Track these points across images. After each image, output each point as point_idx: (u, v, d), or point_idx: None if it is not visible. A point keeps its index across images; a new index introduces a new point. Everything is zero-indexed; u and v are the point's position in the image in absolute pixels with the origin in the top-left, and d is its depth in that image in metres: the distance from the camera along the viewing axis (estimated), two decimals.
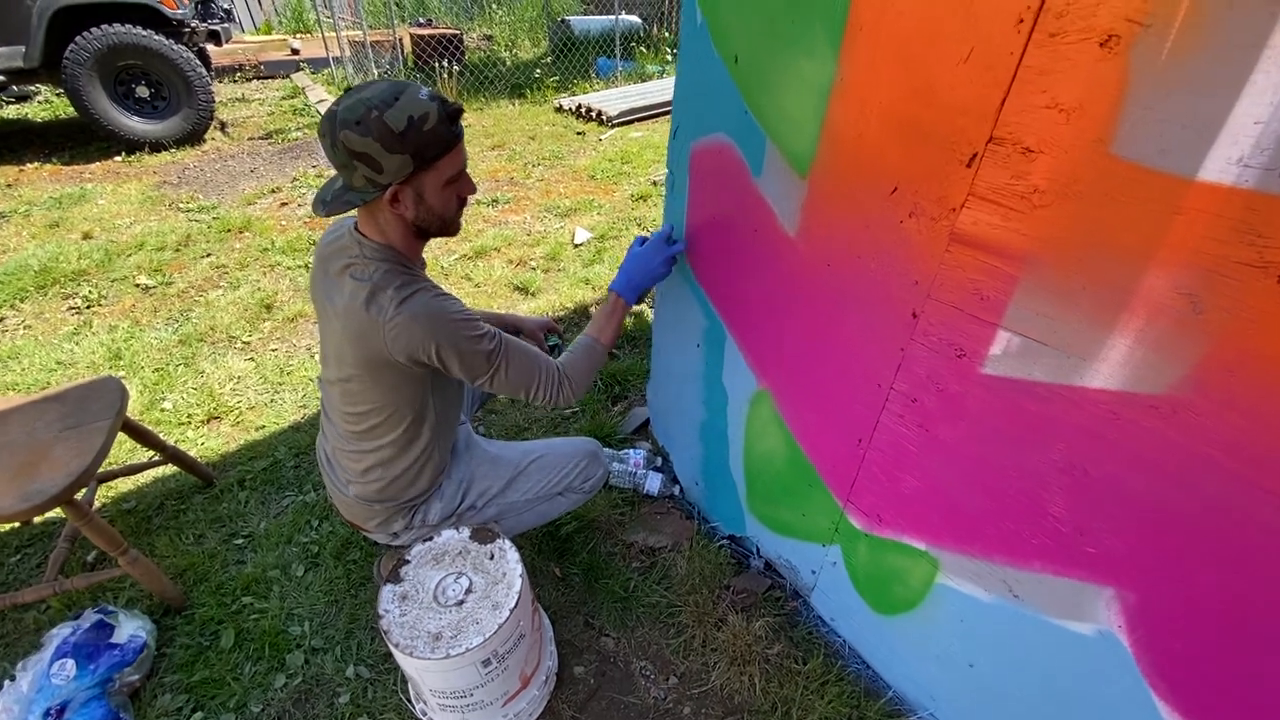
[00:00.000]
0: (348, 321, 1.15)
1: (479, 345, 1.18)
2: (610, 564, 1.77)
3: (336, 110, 1.01)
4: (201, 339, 2.76)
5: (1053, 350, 0.88)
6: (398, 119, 1.00)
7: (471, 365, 1.19)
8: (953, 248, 0.96)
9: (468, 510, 1.46)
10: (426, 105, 1.02)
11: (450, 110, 1.07)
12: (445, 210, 1.16)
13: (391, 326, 1.10)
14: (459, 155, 1.13)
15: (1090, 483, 0.91)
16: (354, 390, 1.25)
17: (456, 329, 1.15)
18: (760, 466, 1.58)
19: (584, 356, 1.35)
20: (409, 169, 1.05)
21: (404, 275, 1.14)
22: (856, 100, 1.01)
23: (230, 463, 2.14)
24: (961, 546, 1.14)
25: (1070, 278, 0.84)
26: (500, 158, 4.85)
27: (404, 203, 1.10)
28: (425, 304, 1.12)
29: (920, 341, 1.06)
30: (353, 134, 0.99)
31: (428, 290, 1.15)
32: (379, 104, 0.99)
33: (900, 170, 0.99)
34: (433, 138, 1.04)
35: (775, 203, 1.23)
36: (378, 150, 1.01)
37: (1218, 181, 0.68)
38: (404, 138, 1.00)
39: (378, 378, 1.21)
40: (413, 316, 1.10)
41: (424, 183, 1.09)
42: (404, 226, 1.15)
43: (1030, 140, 0.82)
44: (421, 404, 1.28)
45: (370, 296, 1.11)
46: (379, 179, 1.04)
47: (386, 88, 1.03)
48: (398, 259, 1.16)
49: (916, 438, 1.14)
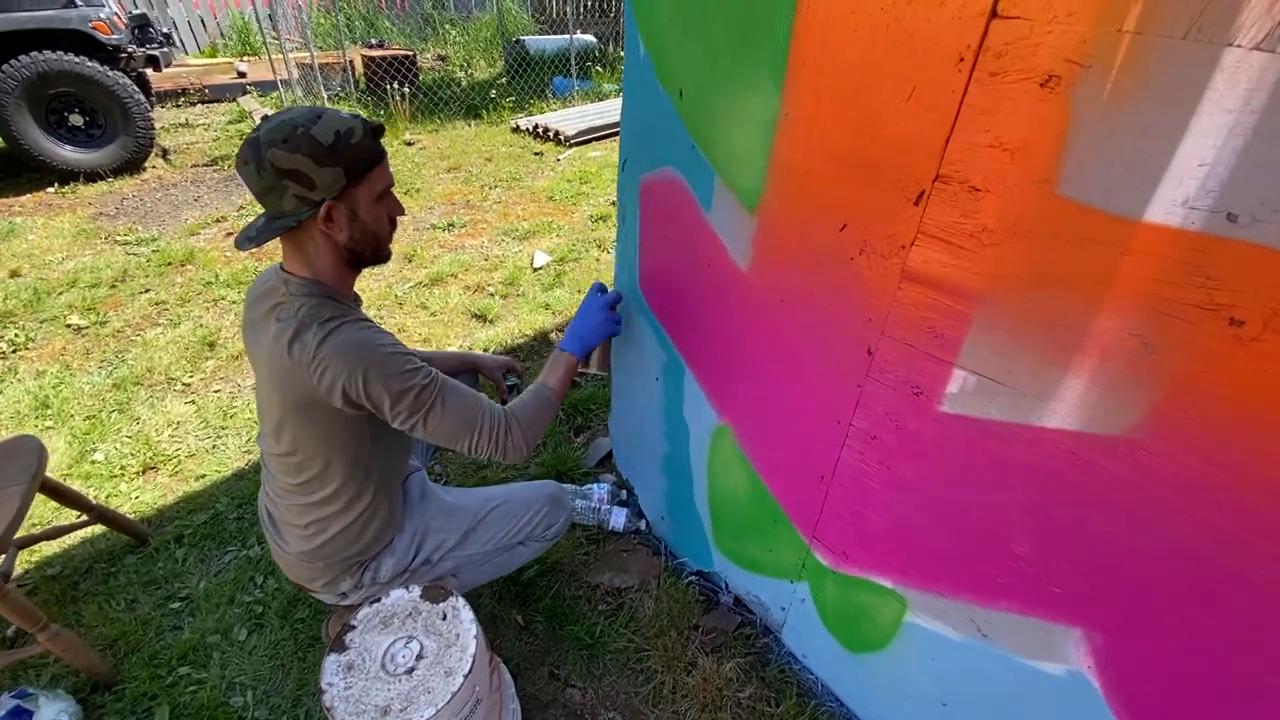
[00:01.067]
0: (273, 366, 1.09)
1: (409, 381, 1.09)
2: (575, 608, 1.70)
3: (259, 134, 0.99)
4: (138, 382, 2.61)
5: (1009, 390, 0.86)
6: (325, 133, 0.99)
7: (400, 404, 1.09)
8: (905, 285, 0.93)
9: (422, 565, 1.38)
10: (350, 121, 1.02)
11: (373, 126, 1.06)
12: (378, 228, 1.12)
13: (317, 363, 1.04)
14: (386, 170, 1.11)
15: (1053, 523, 0.89)
16: (287, 439, 1.17)
17: (385, 361, 1.07)
18: (725, 502, 1.54)
19: (533, 402, 1.26)
20: (341, 182, 1.02)
21: (331, 309, 1.08)
22: (802, 136, 0.99)
23: (167, 517, 2.00)
24: (928, 585, 1.11)
25: (1023, 317, 0.82)
26: (456, 180, 4.77)
27: (337, 221, 1.06)
28: (351, 335, 1.06)
29: (877, 379, 1.03)
30: (281, 151, 0.97)
31: (355, 322, 1.09)
32: (304, 122, 0.99)
33: (849, 207, 0.96)
34: (361, 150, 1.03)
35: (726, 237, 1.20)
36: (309, 165, 0.98)
37: (1164, 223, 0.67)
38: (334, 150, 0.99)
39: (310, 423, 1.13)
40: (338, 349, 1.04)
41: (357, 197, 1.06)
42: (334, 253, 1.10)
43: (976, 179, 0.80)
44: (361, 451, 1.21)
45: (294, 336, 1.05)
46: (312, 195, 1.01)
47: (306, 109, 1.02)
48: (325, 293, 1.10)
49: (879, 475, 1.11)
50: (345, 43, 7.86)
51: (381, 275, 3.40)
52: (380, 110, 6.02)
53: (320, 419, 1.13)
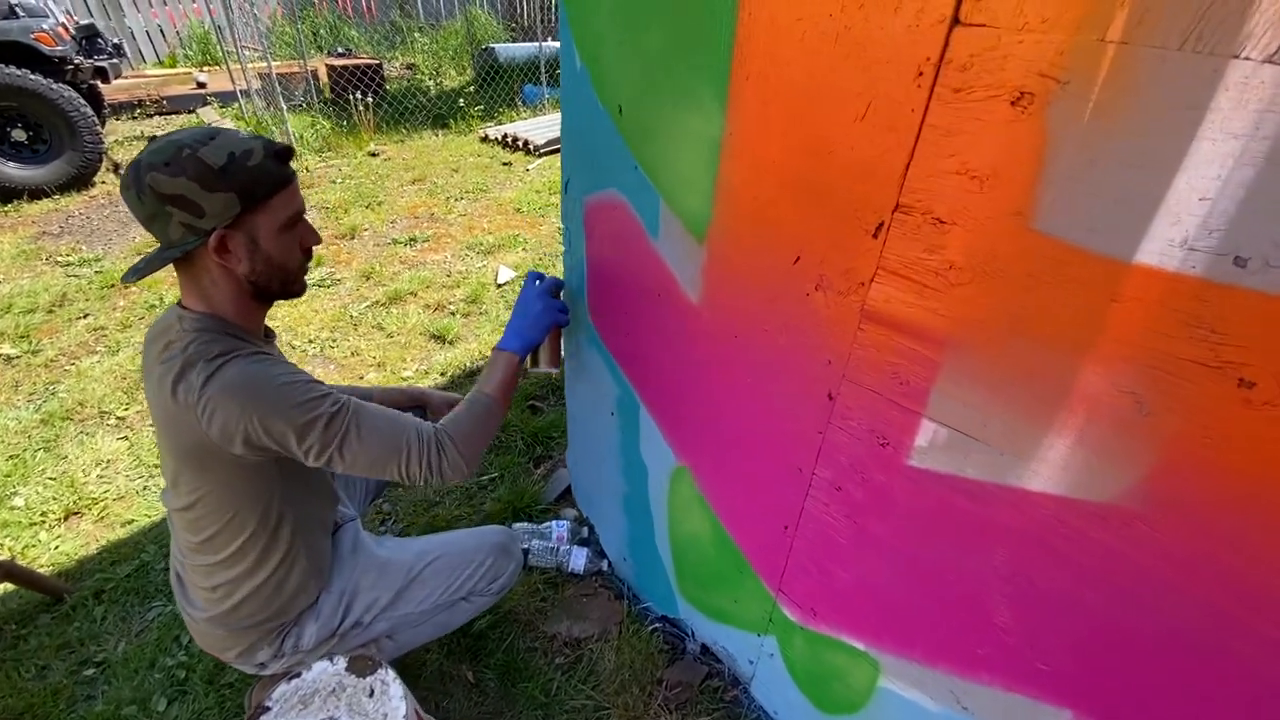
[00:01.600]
0: (162, 410, 0.98)
1: (314, 410, 0.96)
2: (530, 663, 1.57)
3: (141, 157, 0.89)
4: (68, 416, 2.43)
5: (984, 446, 0.76)
6: (216, 155, 0.89)
7: (307, 438, 0.97)
8: (865, 326, 0.83)
9: (352, 629, 1.24)
10: (249, 142, 0.93)
11: (277, 148, 0.95)
12: (286, 260, 1.01)
13: (203, 405, 0.92)
14: (294, 196, 1.00)
15: (1037, 594, 0.78)
16: (185, 492, 1.04)
17: (281, 393, 0.95)
18: (687, 548, 1.42)
19: (468, 412, 1.10)
20: (235, 209, 0.92)
21: (223, 345, 0.96)
22: (749, 158, 0.88)
23: (88, 569, 1.84)
24: (902, 650, 1.00)
25: (997, 366, 0.71)
26: (420, 192, 4.62)
27: (235, 252, 0.95)
28: (240, 371, 0.94)
29: (840, 426, 0.93)
30: (162, 175, 0.87)
31: (247, 356, 0.96)
32: (191, 143, 0.89)
33: (802, 238, 0.86)
34: (260, 174, 0.93)
35: (675, 267, 1.09)
36: (194, 190, 0.88)
37: (1159, 266, 0.57)
38: (225, 173, 0.89)
39: (207, 473, 1.01)
40: (224, 388, 0.92)
41: (257, 226, 0.95)
42: (234, 285, 0.98)
43: (941, 210, 0.70)
44: (271, 502, 1.08)
45: (178, 376, 0.94)
46: (200, 224, 0.90)
47: (200, 129, 0.92)
48: (222, 328, 0.98)
49: (846, 529, 1.00)
50: (310, 51, 7.67)
51: (337, 295, 3.25)
52: (344, 121, 5.84)
53: (218, 468, 1.00)
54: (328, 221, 4.08)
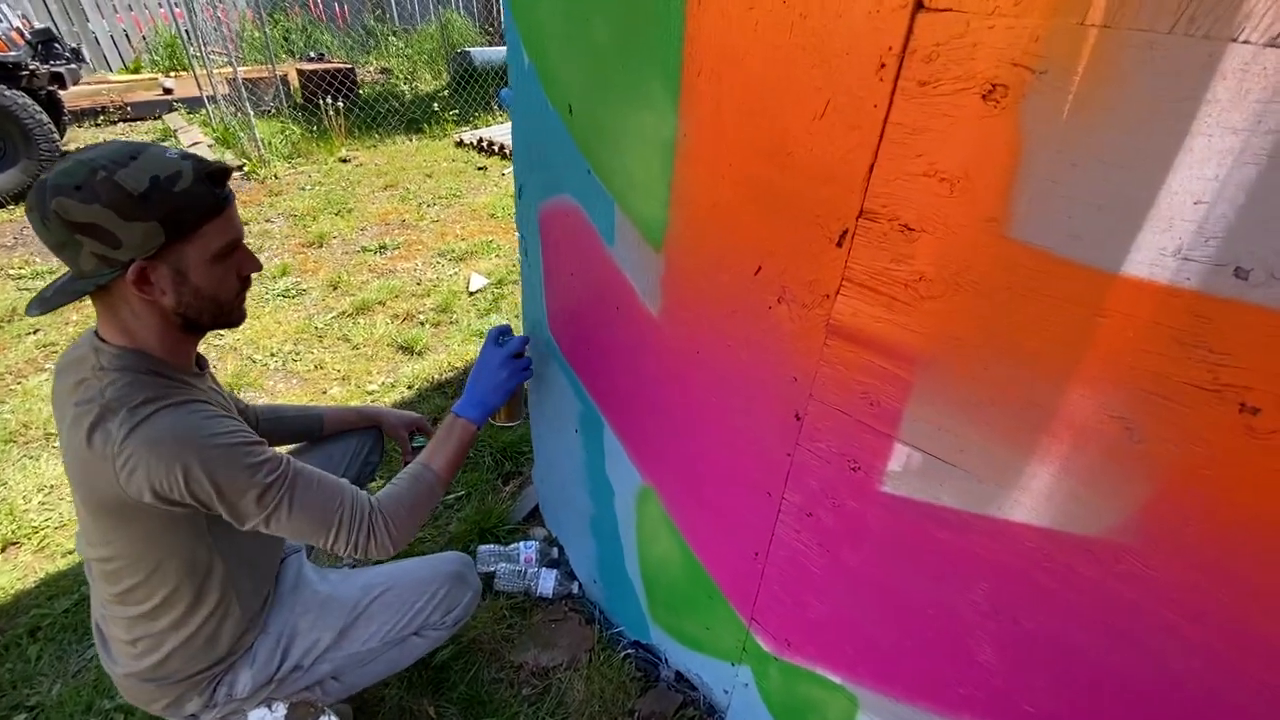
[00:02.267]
0: (72, 456, 0.88)
1: (250, 478, 0.89)
2: (495, 695, 1.48)
3: (48, 178, 0.78)
4: (11, 439, 2.30)
5: (961, 472, 0.69)
6: (136, 178, 0.78)
7: (235, 504, 0.89)
8: (831, 342, 0.76)
9: (292, 673, 1.14)
10: (176, 163, 0.82)
11: (210, 169, 0.84)
12: (218, 291, 0.91)
13: (123, 459, 0.83)
14: (229, 223, 0.89)
15: (1022, 633, 0.72)
16: (100, 542, 0.95)
17: (216, 455, 0.86)
18: (657, 572, 1.35)
19: (407, 487, 1.06)
20: (159, 239, 0.81)
21: (148, 388, 0.86)
22: (705, 160, 0.81)
23: (24, 605, 1.72)
24: (880, 686, 0.94)
25: (973, 387, 0.65)
26: (392, 199, 4.51)
27: (158, 284, 0.85)
28: (170, 424, 0.85)
29: (808, 448, 0.86)
30: (70, 201, 0.76)
31: (177, 406, 0.87)
32: (108, 164, 0.78)
33: (763, 247, 0.79)
34: (190, 200, 0.83)
35: (634, 277, 1.02)
36: (110, 218, 0.77)
37: (1150, 278, 0.50)
38: (147, 201, 0.79)
39: (125, 526, 0.91)
40: (150, 443, 0.83)
41: (184, 256, 0.85)
42: (159, 318, 0.89)
43: (909, 216, 0.63)
44: (198, 552, 0.98)
45: (96, 423, 0.84)
46: (115, 255, 0.80)
47: (120, 147, 0.80)
48: (147, 367, 0.88)
49: (818, 558, 0.93)
50: (281, 55, 7.52)
51: (302, 305, 3.14)
52: (315, 126, 5.71)
53: (137, 519, 0.91)
54: (295, 230, 3.96)
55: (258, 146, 5.05)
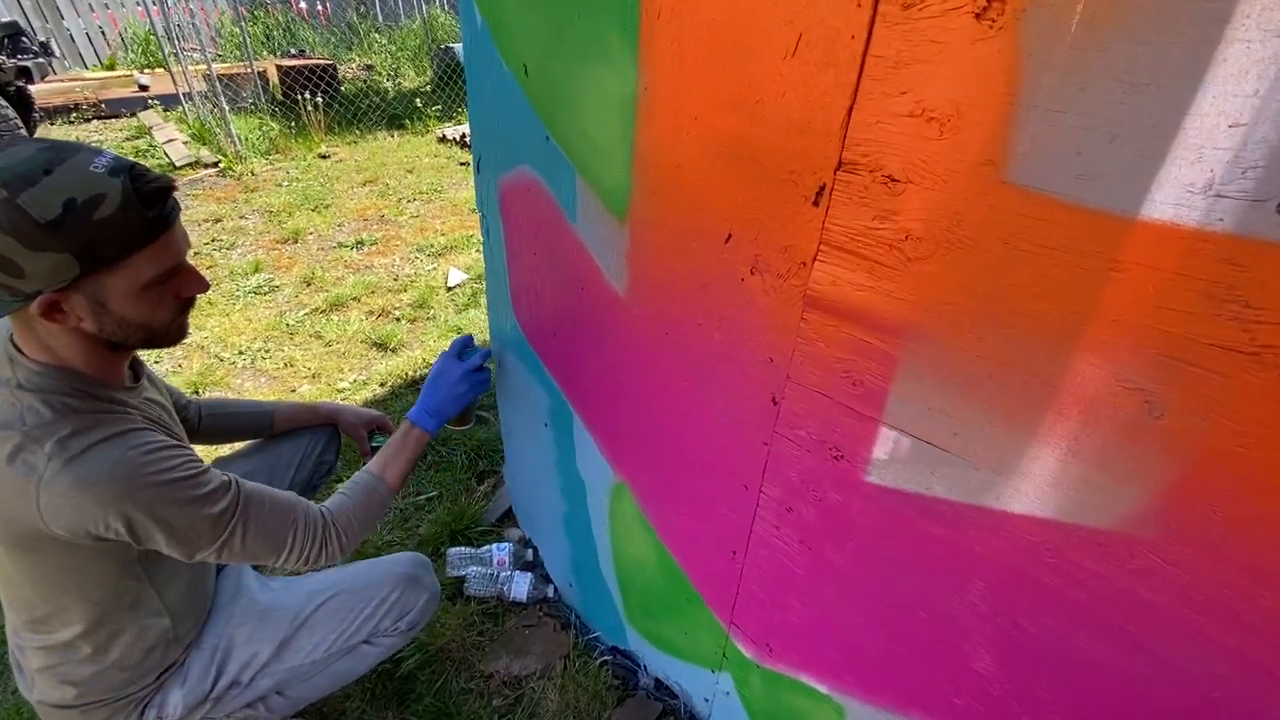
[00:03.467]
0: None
1: (199, 511, 0.81)
2: (464, 706, 1.39)
3: None
4: None
5: (955, 458, 0.62)
6: (45, 202, 0.66)
7: (186, 539, 0.82)
8: (809, 315, 0.68)
9: (229, 689, 1.05)
10: (102, 182, 0.69)
11: (148, 189, 0.72)
12: (152, 319, 0.80)
13: (49, 497, 0.73)
14: (169, 248, 0.77)
15: (1024, 638, 0.64)
16: (9, 571, 0.85)
17: (160, 495, 0.78)
18: (632, 573, 1.26)
19: (361, 500, 1.02)
20: (72, 272, 0.70)
21: (75, 416, 0.76)
22: (668, 116, 0.73)
23: None
24: (868, 695, 0.86)
25: (968, 360, 0.57)
26: (371, 194, 4.40)
27: (74, 313, 0.74)
28: (108, 465, 0.75)
29: (786, 435, 0.78)
30: None
31: (111, 440, 0.77)
32: (12, 180, 0.65)
33: (733, 211, 0.71)
34: (115, 229, 0.70)
35: (597, 254, 0.94)
36: (11, 246, 0.66)
37: (1174, 221, 0.43)
38: (58, 230, 0.67)
39: (36, 557, 0.82)
40: (83, 484, 0.74)
41: (104, 287, 0.74)
42: (81, 340, 0.78)
43: (893, 165, 0.55)
44: (123, 581, 0.90)
45: (16, 452, 0.73)
46: (19, 285, 0.68)
47: (32, 155, 0.67)
48: (71, 386, 0.78)
49: (800, 557, 0.85)
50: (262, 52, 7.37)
51: (274, 302, 3.03)
52: (294, 123, 5.59)
53: (56, 552, 0.81)
54: (270, 226, 3.85)
55: (234, 142, 4.93)
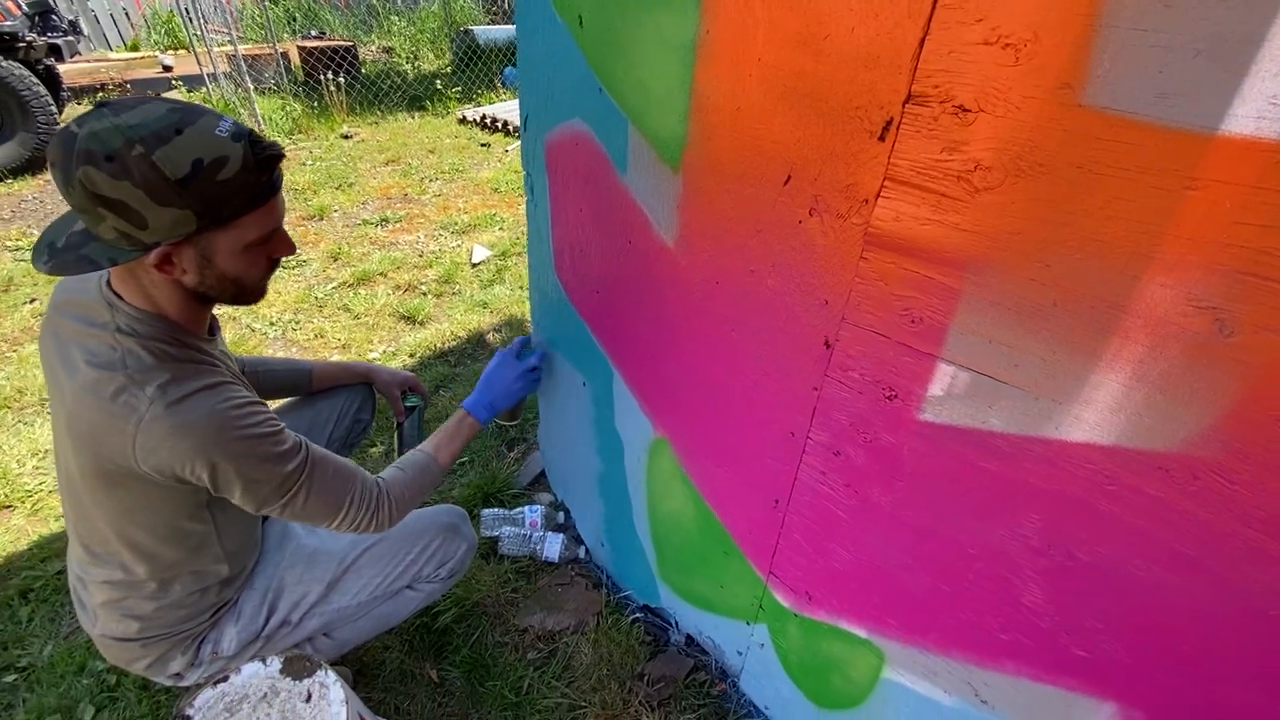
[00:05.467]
0: (77, 415, 0.80)
1: (274, 469, 0.86)
2: (499, 659, 1.43)
3: (76, 133, 0.67)
4: (5, 405, 2.26)
5: (1015, 390, 0.63)
6: (176, 161, 0.68)
7: (258, 492, 0.86)
8: (869, 254, 0.69)
9: (280, 629, 1.09)
10: (226, 146, 0.72)
11: (264, 155, 0.75)
12: (246, 276, 0.83)
13: (147, 435, 0.77)
14: (272, 213, 0.81)
15: (1077, 568, 0.66)
16: (79, 503, 0.89)
17: (245, 450, 0.82)
18: (668, 529, 1.29)
19: (415, 477, 1.07)
20: (189, 227, 0.73)
21: (175, 363, 0.80)
22: (729, 60, 0.74)
23: (15, 567, 1.68)
24: (911, 637, 0.88)
25: (1034, 290, 0.58)
26: (394, 173, 4.44)
27: (180, 266, 0.77)
28: (203, 414, 0.79)
29: (838, 379, 0.80)
30: (99, 174, 0.67)
31: (207, 391, 0.81)
32: (148, 137, 0.68)
33: (793, 152, 0.72)
34: (232, 191, 0.73)
35: (647, 205, 0.95)
36: (140, 200, 0.68)
37: (1255, 135, 0.44)
38: (184, 187, 0.69)
39: (118, 491, 0.86)
40: (180, 431, 0.77)
41: (214, 245, 0.77)
42: (179, 291, 0.82)
43: (965, 95, 0.56)
44: (191, 521, 0.94)
45: (119, 392, 0.77)
46: (141, 236, 0.71)
47: (164, 114, 0.69)
48: (167, 333, 0.82)
49: (845, 500, 0.87)
50: (283, 34, 7.41)
51: (302, 276, 3.08)
52: (316, 103, 5.63)
53: (138, 488, 0.85)
54: (295, 203, 3.89)
55: (258, 122, 4.98)
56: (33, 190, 4.32)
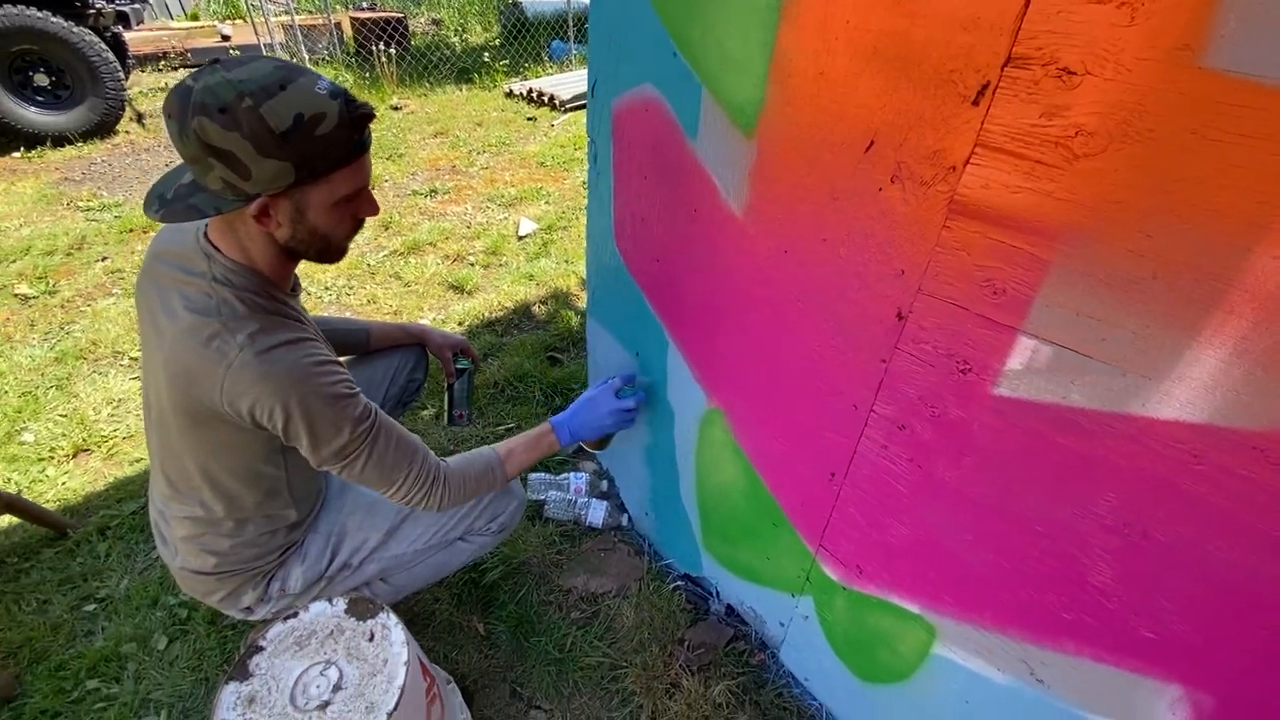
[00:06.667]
0: (174, 356, 0.85)
1: (341, 429, 0.90)
2: (544, 616, 1.48)
3: (192, 86, 0.72)
4: (81, 356, 2.39)
5: (1101, 365, 0.62)
6: (281, 114, 0.73)
7: (321, 448, 0.91)
8: (953, 223, 0.68)
9: (341, 571, 1.16)
10: (324, 103, 0.76)
11: (357, 113, 0.79)
12: (333, 233, 0.88)
13: (234, 379, 0.82)
14: (362, 170, 0.85)
15: (1153, 548, 0.65)
16: (167, 442, 0.95)
17: (319, 404, 0.87)
18: (716, 500, 1.30)
19: (478, 473, 1.10)
20: (288, 180, 0.77)
21: (264, 315, 0.86)
22: (815, 21, 0.73)
23: (94, 506, 1.79)
24: (966, 613, 0.88)
25: (1131, 261, 0.57)
26: (443, 145, 4.49)
27: (276, 218, 0.82)
28: (287, 365, 0.84)
29: (909, 351, 0.79)
30: (212, 124, 0.71)
31: (293, 344, 0.86)
32: (257, 91, 0.72)
33: (878, 117, 0.71)
34: (328, 145, 0.78)
35: (717, 172, 0.95)
36: (246, 150, 0.73)
37: None
38: (286, 140, 0.74)
39: (203, 431, 0.91)
40: (264, 377, 0.83)
41: (308, 198, 0.82)
42: (271, 245, 0.87)
43: (1070, 58, 0.55)
44: (266, 465, 1.00)
45: (213, 337, 0.82)
46: (244, 186, 0.76)
47: (271, 71, 0.74)
48: (258, 285, 0.87)
49: (907, 475, 0.87)
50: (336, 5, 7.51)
51: (355, 243, 3.14)
52: (366, 74, 5.71)
53: (221, 428, 0.91)
54: None
55: None
56: (101, 154, 4.50)
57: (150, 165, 4.30)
